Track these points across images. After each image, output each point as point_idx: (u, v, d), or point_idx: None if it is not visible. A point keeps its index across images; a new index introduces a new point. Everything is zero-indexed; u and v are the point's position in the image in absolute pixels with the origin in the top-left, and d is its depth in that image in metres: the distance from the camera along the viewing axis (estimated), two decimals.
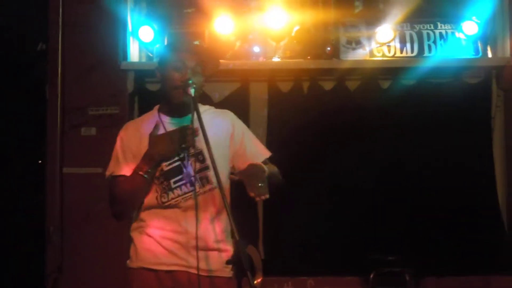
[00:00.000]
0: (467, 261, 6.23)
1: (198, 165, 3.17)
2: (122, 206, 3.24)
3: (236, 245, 2.65)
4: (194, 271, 3.08)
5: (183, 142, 3.08)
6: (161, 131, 3.20)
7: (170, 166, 3.18)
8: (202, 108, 3.27)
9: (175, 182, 3.18)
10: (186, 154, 3.18)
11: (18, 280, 6.14)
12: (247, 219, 5.95)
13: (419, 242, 6.23)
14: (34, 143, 6.41)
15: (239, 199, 3.33)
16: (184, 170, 3.18)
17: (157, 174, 3.17)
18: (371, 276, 5.99)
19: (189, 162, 3.17)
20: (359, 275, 6.24)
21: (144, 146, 3.16)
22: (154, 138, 3.12)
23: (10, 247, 6.16)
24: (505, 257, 6.28)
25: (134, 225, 3.29)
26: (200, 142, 3.08)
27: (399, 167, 6.39)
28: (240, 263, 2.61)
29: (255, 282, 2.64)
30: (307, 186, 6.37)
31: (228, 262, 2.77)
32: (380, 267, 5.96)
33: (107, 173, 3.27)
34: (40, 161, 6.39)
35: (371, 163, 6.39)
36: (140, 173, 3.10)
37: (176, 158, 3.18)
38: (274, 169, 3.35)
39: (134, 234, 3.27)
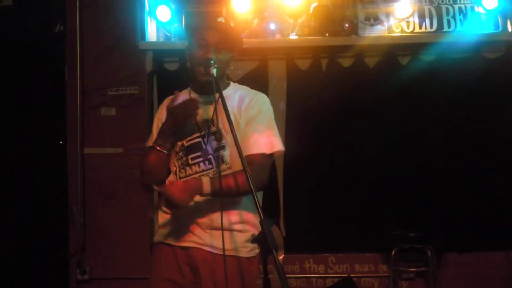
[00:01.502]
0: (487, 237, 6.23)
1: (214, 144, 3.18)
2: (145, 177, 3.30)
3: (261, 224, 2.66)
4: (207, 249, 3.12)
5: (186, 115, 3.12)
6: None
7: (191, 142, 3.24)
8: (235, 87, 3.30)
9: (193, 159, 3.21)
10: (206, 132, 3.19)
11: (42, 260, 6.21)
12: (267, 197, 5.95)
13: (440, 219, 6.23)
14: (55, 124, 6.44)
15: None
16: (204, 147, 3.20)
17: (177, 149, 3.24)
18: (392, 252, 6.01)
19: (210, 140, 3.19)
20: (380, 252, 6.29)
21: None
22: (168, 111, 3.19)
23: (33, 228, 6.22)
24: None
25: (157, 204, 3.35)
26: (220, 122, 3.10)
27: (419, 143, 6.38)
28: (265, 242, 2.62)
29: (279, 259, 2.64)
30: (327, 163, 6.38)
31: (253, 241, 2.77)
32: (401, 244, 5.98)
33: (146, 143, 3.41)
34: (61, 142, 6.42)
35: (391, 140, 6.38)
36: (154, 145, 3.19)
37: (197, 135, 3.21)
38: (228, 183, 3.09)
39: (158, 212, 3.31)
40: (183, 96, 3.31)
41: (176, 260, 3.20)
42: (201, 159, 3.19)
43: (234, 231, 3.19)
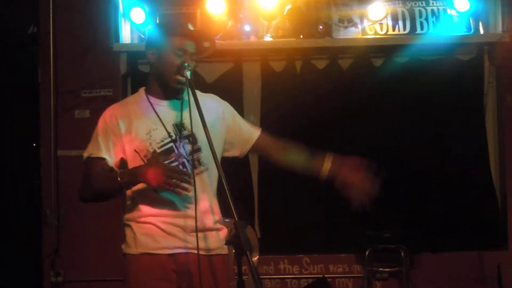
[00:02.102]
0: (461, 237, 6.31)
1: (190, 147, 3.17)
2: (90, 194, 3.26)
3: (235, 226, 2.66)
4: (193, 251, 3.10)
5: (173, 186, 3.03)
6: (150, 111, 3.21)
7: (163, 148, 3.18)
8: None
9: (168, 164, 3.16)
10: (178, 136, 3.19)
11: (15, 263, 6.16)
12: (242, 198, 5.97)
13: (414, 219, 6.29)
14: (28, 126, 6.40)
15: (234, 178, 3.34)
16: (176, 151, 3.18)
17: (149, 156, 3.15)
18: (366, 253, 6.04)
19: (182, 143, 3.18)
20: (354, 252, 6.32)
21: (135, 128, 3.17)
22: (156, 162, 3.07)
23: (6, 231, 6.17)
24: (498, 233, 6.36)
25: (129, 213, 3.26)
26: (193, 125, 3.10)
27: (393, 145, 6.41)
28: (239, 244, 2.63)
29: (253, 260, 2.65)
30: None
31: (227, 243, 2.78)
32: (375, 244, 6.01)
33: (85, 154, 3.24)
34: (34, 144, 6.38)
35: (364, 141, 6.40)
36: (119, 179, 3.06)
37: (168, 140, 3.18)
38: None
39: (131, 222, 3.24)
40: (136, 97, 3.32)
41: (162, 268, 3.14)
42: (176, 163, 3.17)
43: (220, 231, 3.22)
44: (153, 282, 3.14)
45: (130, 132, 3.17)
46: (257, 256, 5.27)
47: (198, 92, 3.33)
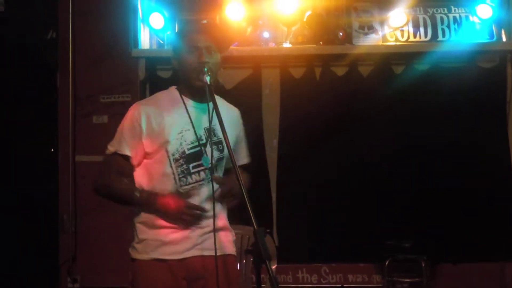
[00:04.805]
0: (482, 248, 6.22)
1: (217, 154, 3.16)
2: (104, 192, 3.29)
3: (254, 234, 2.63)
4: (207, 253, 3.10)
5: (186, 220, 3.08)
6: (183, 111, 3.17)
7: (192, 151, 3.15)
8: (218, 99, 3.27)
9: (194, 167, 3.15)
10: (208, 141, 3.16)
11: (32, 268, 6.14)
12: (260, 206, 5.93)
13: (435, 229, 6.21)
14: (46, 131, 6.39)
15: (252, 186, 3.31)
16: (204, 156, 3.15)
17: (177, 156, 3.13)
18: (386, 263, 5.97)
19: (211, 149, 3.14)
20: (374, 262, 6.25)
21: (168, 125, 3.13)
22: (175, 199, 3.10)
23: (24, 236, 6.15)
24: None
25: (140, 214, 3.27)
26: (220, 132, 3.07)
27: (413, 153, 6.36)
28: (258, 252, 2.59)
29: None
30: (321, 172, 6.34)
31: (247, 252, 2.76)
32: (395, 254, 5.93)
33: (110, 148, 3.20)
34: (52, 150, 6.37)
35: (385, 149, 6.36)
36: (138, 195, 3.15)
37: (197, 143, 3.15)
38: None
39: (141, 225, 3.27)
40: (168, 95, 3.27)
41: (173, 275, 3.11)
42: (201, 168, 3.15)
43: (230, 231, 3.27)
44: None
45: (162, 128, 3.12)
46: (275, 265, 5.25)
47: (224, 102, 3.32)
